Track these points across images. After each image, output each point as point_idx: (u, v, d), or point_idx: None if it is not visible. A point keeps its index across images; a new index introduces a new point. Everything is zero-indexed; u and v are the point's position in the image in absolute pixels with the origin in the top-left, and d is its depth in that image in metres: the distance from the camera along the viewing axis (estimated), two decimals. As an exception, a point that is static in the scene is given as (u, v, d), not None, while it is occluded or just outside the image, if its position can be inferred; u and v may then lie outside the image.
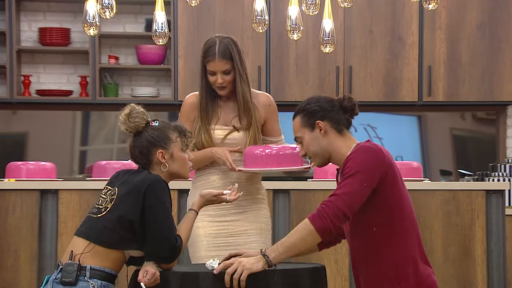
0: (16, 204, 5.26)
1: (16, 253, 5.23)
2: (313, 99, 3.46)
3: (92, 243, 3.22)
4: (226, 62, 4.02)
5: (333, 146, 3.39)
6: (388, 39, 7.59)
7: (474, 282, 5.26)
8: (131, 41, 7.88)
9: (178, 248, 3.25)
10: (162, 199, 3.24)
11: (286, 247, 3.20)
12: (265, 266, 3.18)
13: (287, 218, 5.30)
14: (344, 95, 3.46)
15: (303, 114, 3.43)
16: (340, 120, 3.41)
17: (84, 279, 3.18)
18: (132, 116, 3.34)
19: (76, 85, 7.81)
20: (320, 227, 3.17)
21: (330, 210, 3.17)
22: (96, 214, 3.27)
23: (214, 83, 4.05)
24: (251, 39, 7.58)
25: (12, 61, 7.54)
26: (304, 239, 3.20)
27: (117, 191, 3.27)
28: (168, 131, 3.37)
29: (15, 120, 7.88)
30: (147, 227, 3.20)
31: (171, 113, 7.71)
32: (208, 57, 4.03)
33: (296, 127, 3.46)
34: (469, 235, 5.29)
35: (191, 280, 3.20)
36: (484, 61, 7.57)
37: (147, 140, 3.34)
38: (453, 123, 8.05)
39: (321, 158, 3.43)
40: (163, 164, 3.34)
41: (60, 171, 6.32)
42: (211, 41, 4.07)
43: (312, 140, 3.41)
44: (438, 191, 5.32)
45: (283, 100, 7.56)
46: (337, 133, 3.40)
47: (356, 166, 3.24)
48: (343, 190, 3.20)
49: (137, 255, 3.28)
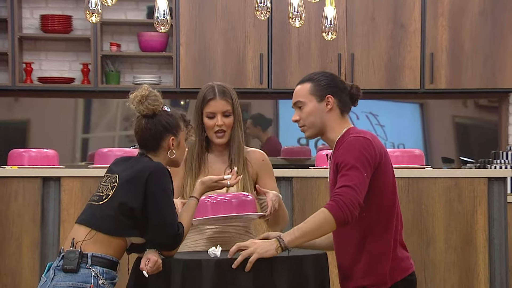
0: (18, 191, 5.27)
1: (18, 240, 5.23)
2: (327, 73, 3.51)
3: (94, 230, 3.22)
4: (227, 101, 3.77)
5: (331, 124, 3.44)
6: (390, 26, 7.58)
7: (476, 269, 5.27)
8: (132, 28, 7.87)
9: (179, 236, 3.26)
10: (164, 186, 3.24)
11: (302, 232, 3.24)
12: (278, 250, 3.22)
13: (289, 205, 5.30)
14: (353, 83, 3.52)
15: (315, 83, 3.46)
16: (346, 103, 3.48)
17: (85, 266, 3.18)
18: (151, 98, 3.32)
19: (78, 73, 7.81)
20: (339, 217, 3.21)
21: (348, 200, 3.21)
22: (97, 202, 3.27)
23: (212, 127, 3.77)
24: (253, 27, 7.56)
25: (14, 48, 7.54)
26: (321, 226, 3.24)
27: (118, 178, 3.27)
28: (179, 119, 3.38)
29: (17, 107, 7.89)
30: (149, 214, 3.20)
31: (173, 101, 7.71)
32: (208, 97, 3.77)
33: (302, 92, 3.47)
34: (471, 222, 5.30)
35: (194, 267, 3.21)
36: (487, 48, 7.55)
37: (162, 124, 3.33)
38: (455, 110, 8.05)
39: (316, 130, 3.47)
40: (171, 151, 3.34)
41: (62, 159, 6.33)
42: (207, 86, 3.83)
43: (315, 110, 3.45)
44: (440, 178, 5.33)
45: (284, 87, 7.56)
46: (340, 114, 3.46)
47: (353, 159, 3.28)
48: (354, 182, 3.24)
49: (138, 242, 3.28)
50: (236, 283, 3.18)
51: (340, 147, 3.37)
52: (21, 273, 5.22)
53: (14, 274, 5.18)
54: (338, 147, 3.39)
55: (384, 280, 3.32)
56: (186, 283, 3.20)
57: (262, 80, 7.54)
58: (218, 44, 7.57)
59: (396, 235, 3.40)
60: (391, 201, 3.39)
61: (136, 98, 3.33)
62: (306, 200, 5.26)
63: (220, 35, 7.59)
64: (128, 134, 7.99)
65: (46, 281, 3.22)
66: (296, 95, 3.49)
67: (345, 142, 3.37)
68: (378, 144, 3.38)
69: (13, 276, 5.18)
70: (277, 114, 8.05)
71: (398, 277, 3.35)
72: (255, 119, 7.99)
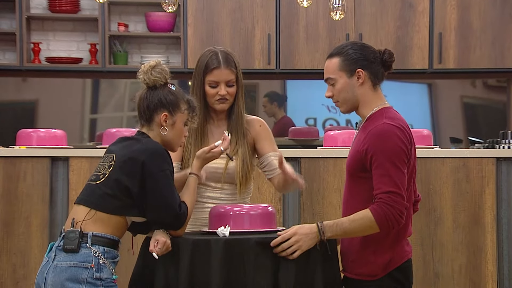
0: (27, 171, 5.28)
1: (27, 220, 5.25)
2: (356, 45, 3.37)
3: (93, 210, 3.21)
4: (231, 71, 3.65)
5: (364, 98, 3.34)
6: (398, 5, 7.55)
7: (484, 248, 5.27)
8: (140, 8, 7.86)
9: (183, 215, 3.25)
10: (162, 167, 3.21)
11: (344, 231, 3.23)
12: (318, 244, 3.23)
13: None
14: (386, 49, 3.39)
15: (344, 57, 3.33)
16: (377, 73, 3.36)
17: (86, 246, 3.18)
18: (156, 70, 3.34)
19: (86, 53, 7.80)
20: (385, 227, 3.19)
21: (397, 211, 3.17)
22: (95, 181, 3.26)
23: (214, 96, 3.66)
24: (261, 7, 7.54)
25: (22, 29, 7.54)
26: (364, 231, 3.22)
27: (115, 158, 3.26)
28: (181, 100, 3.35)
29: (25, 88, 7.90)
30: (149, 196, 3.18)
31: (181, 81, 7.71)
32: (212, 65, 3.64)
33: (332, 69, 3.36)
34: (479, 202, 5.30)
35: (203, 247, 3.21)
36: (496, 28, 7.52)
37: (158, 98, 3.32)
38: (463, 90, 8.03)
39: (350, 105, 3.37)
40: (163, 128, 3.32)
41: (71, 139, 6.34)
42: (210, 52, 3.69)
43: (347, 86, 3.34)
44: (448, 158, 5.32)
45: (292, 68, 7.54)
46: (372, 87, 3.35)
47: (392, 154, 3.19)
48: (399, 185, 3.17)
49: (139, 221, 3.28)
50: (244, 262, 3.18)
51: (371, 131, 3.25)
52: (30, 252, 5.24)
53: (23, 254, 5.21)
54: (369, 124, 3.29)
55: (377, 272, 3.29)
56: (194, 263, 3.20)
57: (270, 60, 7.52)
58: (225, 24, 7.55)
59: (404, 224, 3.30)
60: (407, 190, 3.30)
61: (144, 68, 3.35)
62: (313, 180, 5.27)
63: (228, 15, 7.57)
64: (136, 114, 8.10)
65: (48, 261, 3.23)
66: (327, 71, 3.38)
67: (378, 128, 3.25)
68: (409, 131, 3.30)
69: (22, 256, 5.20)
70: (285, 94, 8.03)
71: (393, 266, 3.31)
72: (270, 96, 7.96)
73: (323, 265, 3.27)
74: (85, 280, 3.15)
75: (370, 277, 3.29)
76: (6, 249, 5.23)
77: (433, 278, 5.26)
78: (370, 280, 3.29)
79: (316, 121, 8.06)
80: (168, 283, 3.24)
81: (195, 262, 3.21)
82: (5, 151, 5.37)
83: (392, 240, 3.30)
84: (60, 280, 3.16)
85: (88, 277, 3.15)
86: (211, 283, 3.16)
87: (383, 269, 3.29)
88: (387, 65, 3.38)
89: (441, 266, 5.26)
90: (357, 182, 3.29)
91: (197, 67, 3.71)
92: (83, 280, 3.15)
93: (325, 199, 5.23)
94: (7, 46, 7.74)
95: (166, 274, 3.25)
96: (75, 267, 3.16)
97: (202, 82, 3.68)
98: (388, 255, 3.29)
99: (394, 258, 3.30)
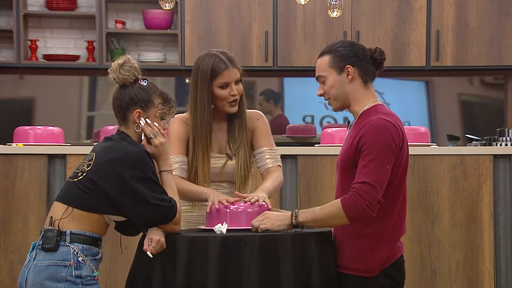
0: (24, 168, 5.28)
1: (24, 217, 5.25)
2: (346, 43, 3.41)
3: (71, 207, 3.19)
4: (238, 69, 3.68)
5: (355, 95, 3.36)
6: (396, 3, 7.55)
7: (481, 246, 5.28)
8: (137, 5, 7.86)
9: (171, 208, 3.21)
10: (137, 174, 3.16)
11: (315, 218, 3.26)
12: (289, 227, 3.27)
13: (294, 183, 5.31)
14: (376, 47, 3.41)
15: (334, 55, 3.38)
16: (368, 70, 3.38)
17: (64, 244, 3.16)
18: (124, 68, 3.30)
19: (83, 50, 7.80)
20: (353, 217, 3.19)
21: (365, 201, 3.16)
22: (73, 179, 3.24)
23: (226, 98, 3.65)
24: (258, 4, 7.54)
25: (19, 26, 7.53)
26: (333, 219, 3.25)
27: (94, 158, 3.23)
28: (153, 95, 3.30)
29: (22, 85, 7.89)
30: (128, 203, 3.15)
31: (178, 78, 7.70)
32: (220, 68, 3.63)
33: (322, 66, 3.41)
34: (476, 199, 5.30)
35: (200, 244, 3.21)
36: (493, 25, 7.52)
37: (129, 96, 3.28)
38: (461, 88, 8.03)
39: (341, 103, 3.39)
40: (137, 125, 3.30)
41: (68, 136, 6.33)
42: (212, 56, 3.67)
43: (336, 83, 3.37)
44: (446, 156, 5.32)
45: (290, 65, 7.55)
46: (362, 83, 3.37)
47: (379, 148, 3.20)
48: (375, 178, 3.17)
49: (119, 220, 3.25)
50: (242, 259, 3.18)
51: (365, 125, 3.26)
52: (27, 250, 5.22)
53: (20, 251, 5.20)
54: (362, 120, 3.30)
55: (373, 268, 3.29)
56: (192, 260, 3.20)
57: (267, 57, 7.52)
58: (223, 21, 7.55)
59: (398, 222, 3.33)
60: (398, 187, 3.31)
61: (113, 66, 3.32)
62: (311, 178, 5.27)
63: (225, 13, 7.57)
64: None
65: (29, 260, 3.22)
66: (317, 69, 3.43)
67: (372, 122, 3.26)
68: (402, 128, 3.30)
69: (19, 253, 5.19)
70: (282, 91, 8.04)
71: (388, 263, 3.32)
72: (266, 94, 7.96)
73: (320, 262, 3.28)
74: (65, 278, 3.13)
75: (367, 273, 3.29)
76: (3, 246, 5.23)
77: (430, 275, 5.26)
78: (367, 277, 3.29)
79: (314, 118, 8.06)
80: (166, 280, 3.23)
81: (192, 259, 3.20)
82: (2, 148, 5.36)
83: (389, 237, 3.31)
84: (40, 280, 3.14)
85: (67, 275, 3.14)
86: (209, 280, 3.17)
87: (380, 266, 3.29)
88: (378, 63, 3.40)
89: (438, 263, 5.27)
90: (349, 176, 3.29)
91: (200, 74, 3.67)
92: (62, 279, 3.13)
93: (322, 196, 5.23)
94: (4, 44, 7.73)
95: (164, 271, 3.24)
96: (54, 266, 3.15)
97: (210, 87, 3.66)
98: (385, 252, 3.30)
99: (390, 255, 3.31)
